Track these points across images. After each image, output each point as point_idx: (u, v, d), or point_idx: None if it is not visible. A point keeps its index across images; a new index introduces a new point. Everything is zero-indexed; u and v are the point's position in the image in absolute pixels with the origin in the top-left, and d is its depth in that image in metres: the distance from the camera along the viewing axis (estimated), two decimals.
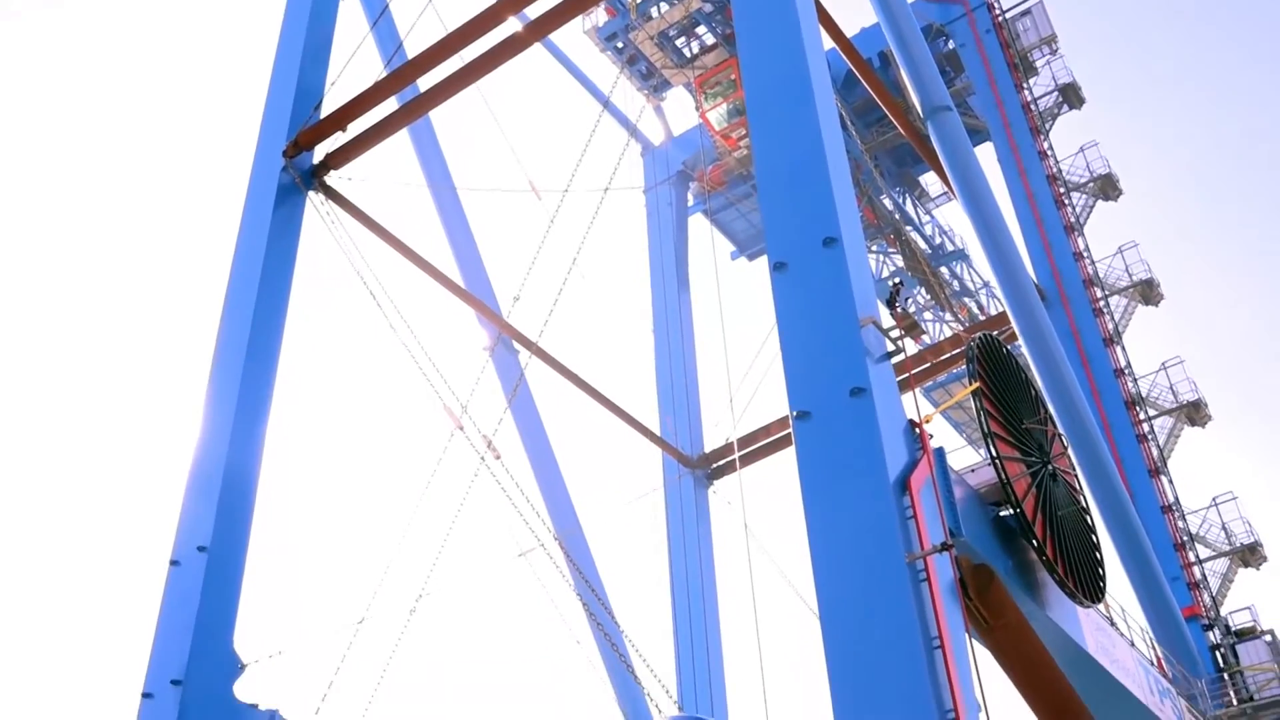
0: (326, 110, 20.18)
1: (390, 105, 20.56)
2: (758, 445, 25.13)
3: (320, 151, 20.30)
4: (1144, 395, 25.13)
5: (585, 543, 22.98)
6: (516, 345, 23.60)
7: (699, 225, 33.26)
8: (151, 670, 16.48)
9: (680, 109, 34.46)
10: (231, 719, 16.28)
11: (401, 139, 23.32)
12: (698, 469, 26.95)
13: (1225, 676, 20.44)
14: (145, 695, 16.28)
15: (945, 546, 10.98)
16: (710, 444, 27.39)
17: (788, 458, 14.67)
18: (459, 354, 23.69)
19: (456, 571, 21.02)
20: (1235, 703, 19.96)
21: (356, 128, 20.10)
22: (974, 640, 11.41)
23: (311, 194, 20.05)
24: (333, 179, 20.29)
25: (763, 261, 20.66)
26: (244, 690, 16.72)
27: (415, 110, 20.72)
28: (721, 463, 26.90)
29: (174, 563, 17.16)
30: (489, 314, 23.27)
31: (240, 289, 18.86)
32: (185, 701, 15.91)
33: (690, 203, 33.28)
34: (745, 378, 24.69)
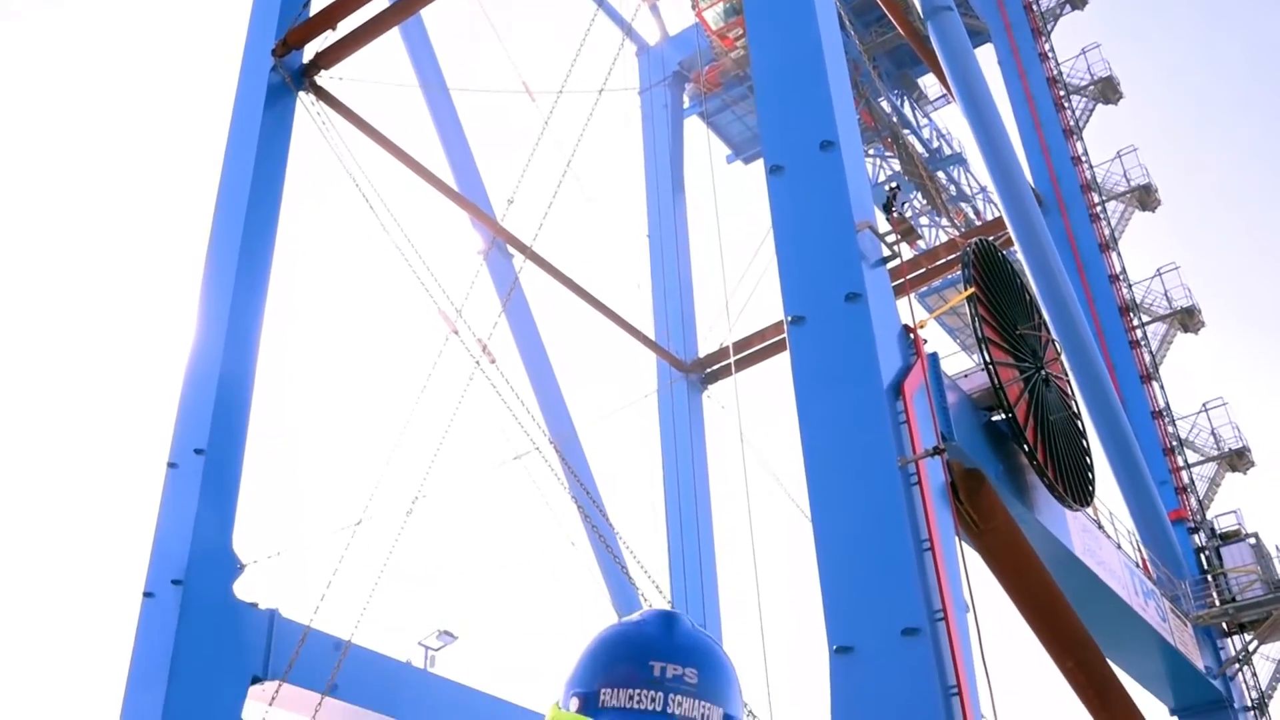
0: (316, 7, 19.79)
1: (381, 3, 20.17)
2: (752, 350, 25.16)
3: (310, 50, 19.95)
4: (1138, 302, 25.13)
5: (580, 446, 23.15)
6: (510, 249, 23.48)
7: (695, 128, 32.89)
8: (152, 570, 16.71)
9: (676, 7, 33.84)
10: (231, 618, 16.56)
11: (393, 39, 22.91)
12: (692, 374, 27.03)
13: (1209, 578, 20.77)
14: (147, 594, 16.53)
15: (937, 451, 11.09)
16: (704, 349, 27.43)
17: (782, 362, 14.74)
18: (453, 258, 23.62)
19: (452, 474, 21.21)
20: (1218, 603, 20.31)
21: (347, 26, 19.72)
22: (963, 542, 11.58)
23: (302, 95, 19.74)
24: (324, 79, 19.97)
25: (759, 165, 20.47)
26: (244, 590, 16.98)
27: (406, 8, 20.32)
28: (716, 367, 26.97)
29: (171, 465, 17.30)
30: (483, 217, 23.12)
31: (231, 191, 18.70)
32: (186, 600, 16.16)
33: (686, 105, 32.85)
34: (740, 282, 24.67)
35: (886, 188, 14.16)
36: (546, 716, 1.71)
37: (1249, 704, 20.07)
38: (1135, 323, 24.22)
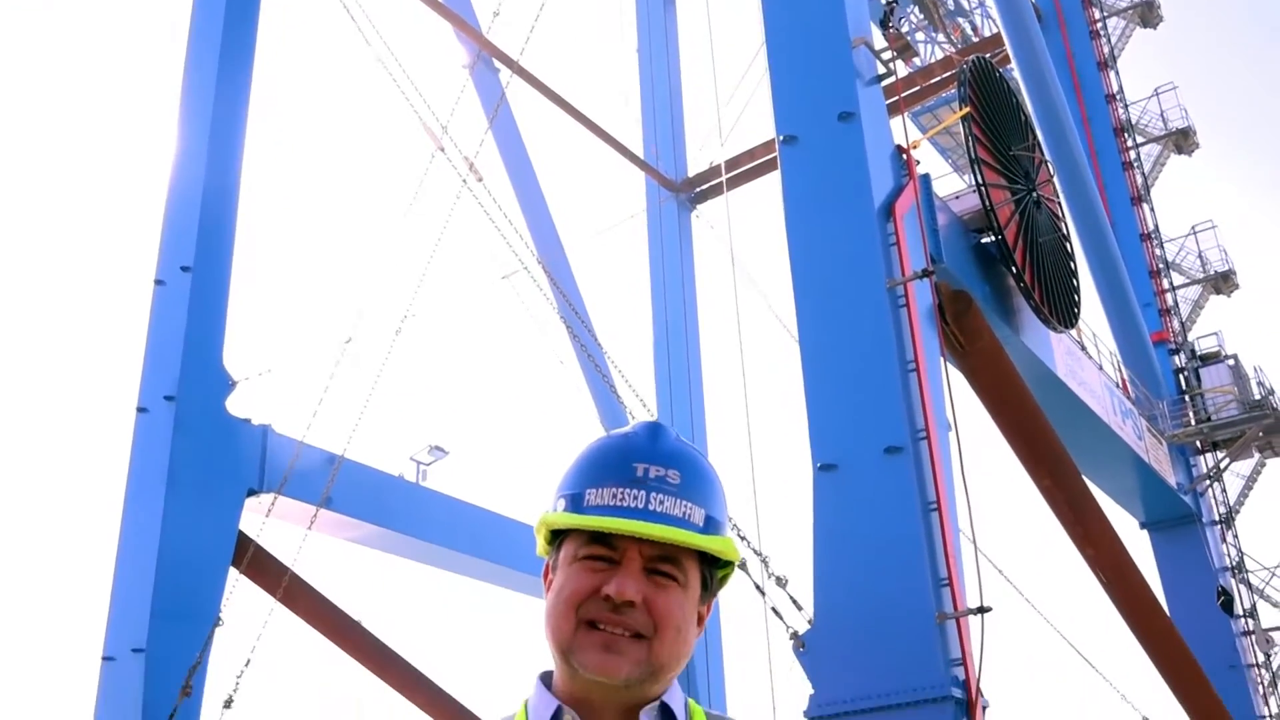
0: None
1: None
2: (742, 169, 24.87)
3: None
4: (1134, 122, 24.79)
5: (568, 266, 23.12)
6: (497, 64, 22.91)
7: None
8: (144, 387, 16.87)
9: None
10: (225, 433, 16.82)
11: None
12: (681, 193, 26.78)
13: (1186, 398, 21.17)
14: (140, 410, 16.73)
15: (926, 273, 11.11)
16: (694, 168, 27.10)
17: (772, 183, 14.59)
18: (438, 73, 23.06)
19: (441, 293, 21.23)
20: (1194, 423, 20.76)
21: None
22: (948, 363, 11.72)
23: None
24: None
25: None
26: (236, 406, 17.20)
27: None
28: (705, 187, 26.70)
29: (159, 282, 17.26)
30: (468, 30, 22.47)
31: (208, 2, 18.13)
32: (179, 416, 16.38)
33: None
34: (731, 100, 24.22)
35: (883, 1, 13.73)
36: (536, 523, 1.75)
37: (1216, 518, 20.73)
38: (1129, 144, 23.96)
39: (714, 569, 1.72)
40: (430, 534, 19.87)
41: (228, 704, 15.16)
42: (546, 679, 1.68)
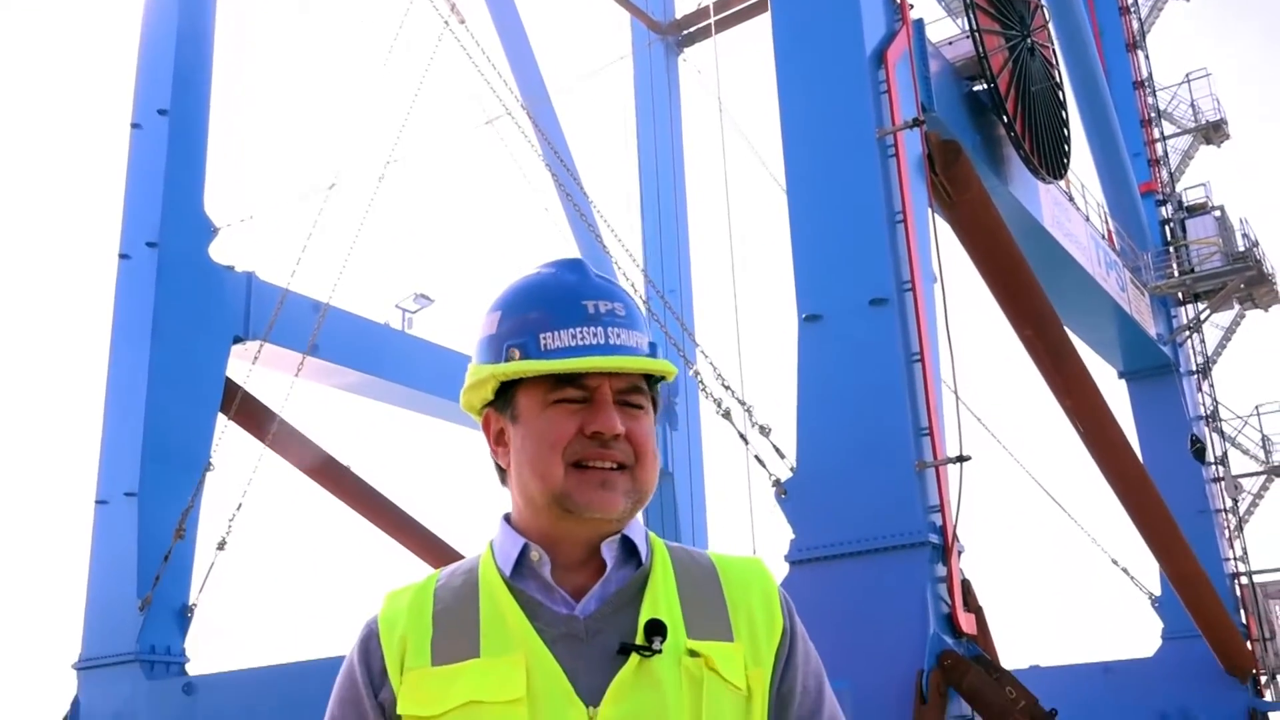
0: None
1: None
2: (731, 11, 24.24)
3: None
4: None
5: (552, 111, 22.72)
6: None
7: None
8: (125, 233, 16.72)
9: None
10: (209, 279, 16.76)
11: None
12: (668, 35, 26.14)
13: (1171, 250, 21.21)
14: (123, 256, 16.62)
15: (916, 122, 10.96)
16: (682, 8, 26.39)
17: (761, 25, 14.24)
18: None
19: (424, 138, 20.89)
20: (1177, 274, 20.86)
21: None
22: (935, 214, 11.67)
23: None
24: None
25: None
26: (219, 253, 17.09)
27: None
28: (693, 29, 26.05)
29: (135, 126, 16.97)
30: None
31: None
32: (162, 262, 16.28)
33: None
34: None
35: None
36: (475, 379, 1.72)
37: (1194, 369, 21.01)
38: None
39: (656, 389, 1.75)
40: (416, 381, 20.03)
41: (220, 546, 15.47)
42: (510, 520, 1.71)
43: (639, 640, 1.56)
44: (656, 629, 1.57)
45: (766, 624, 1.66)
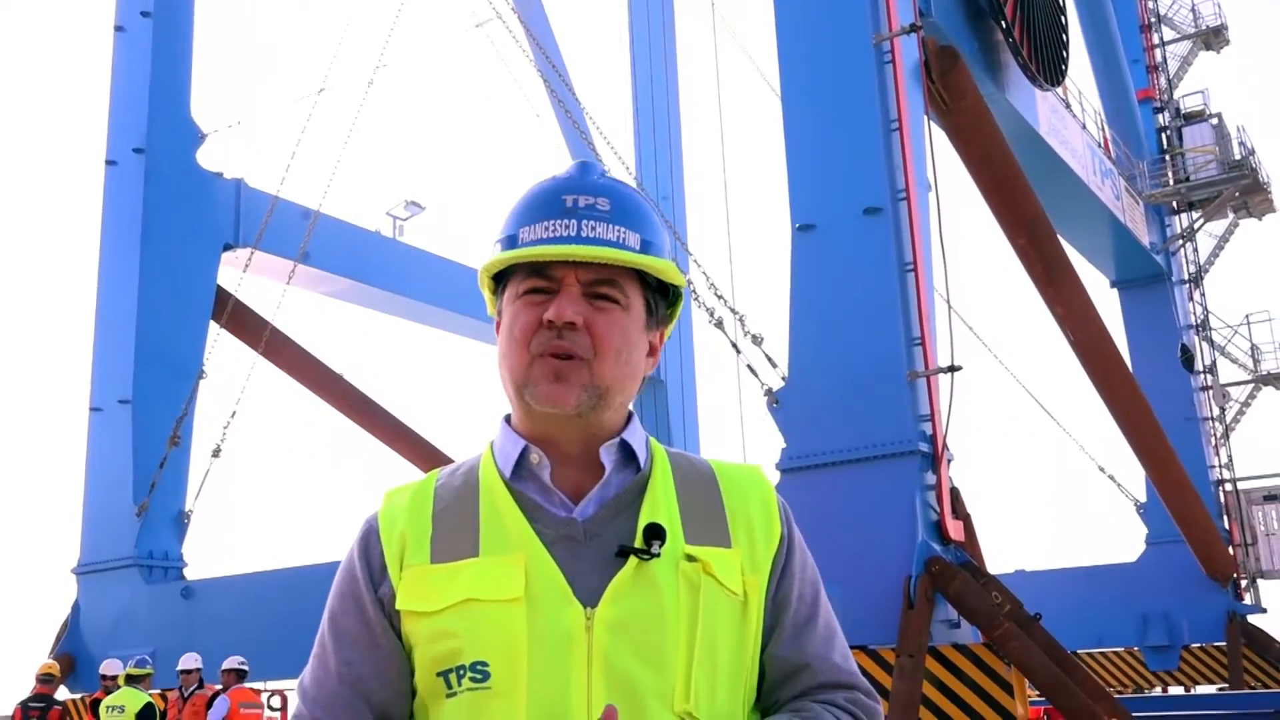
0: None
1: None
2: None
3: None
4: None
5: (544, 14, 22.34)
6: None
7: None
8: (111, 139, 16.54)
9: None
10: (197, 185, 16.62)
11: None
12: None
13: (1167, 158, 21.07)
14: (109, 162, 16.46)
15: (914, 28, 10.80)
16: None
17: None
18: None
19: (413, 43, 20.57)
20: (1172, 182, 20.75)
21: None
22: (932, 122, 11.56)
23: None
24: None
25: None
26: (208, 159, 16.92)
27: None
28: None
29: (118, 29, 16.70)
30: None
31: None
32: (150, 169, 16.14)
33: None
34: None
35: None
36: (479, 278, 1.76)
37: (1186, 278, 21.03)
38: None
39: (661, 297, 1.72)
40: (407, 288, 19.99)
41: (216, 453, 15.59)
42: (510, 421, 1.72)
43: (637, 544, 1.58)
44: (655, 533, 1.58)
45: (765, 531, 1.67)
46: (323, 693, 1.63)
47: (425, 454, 17.51)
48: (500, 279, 1.70)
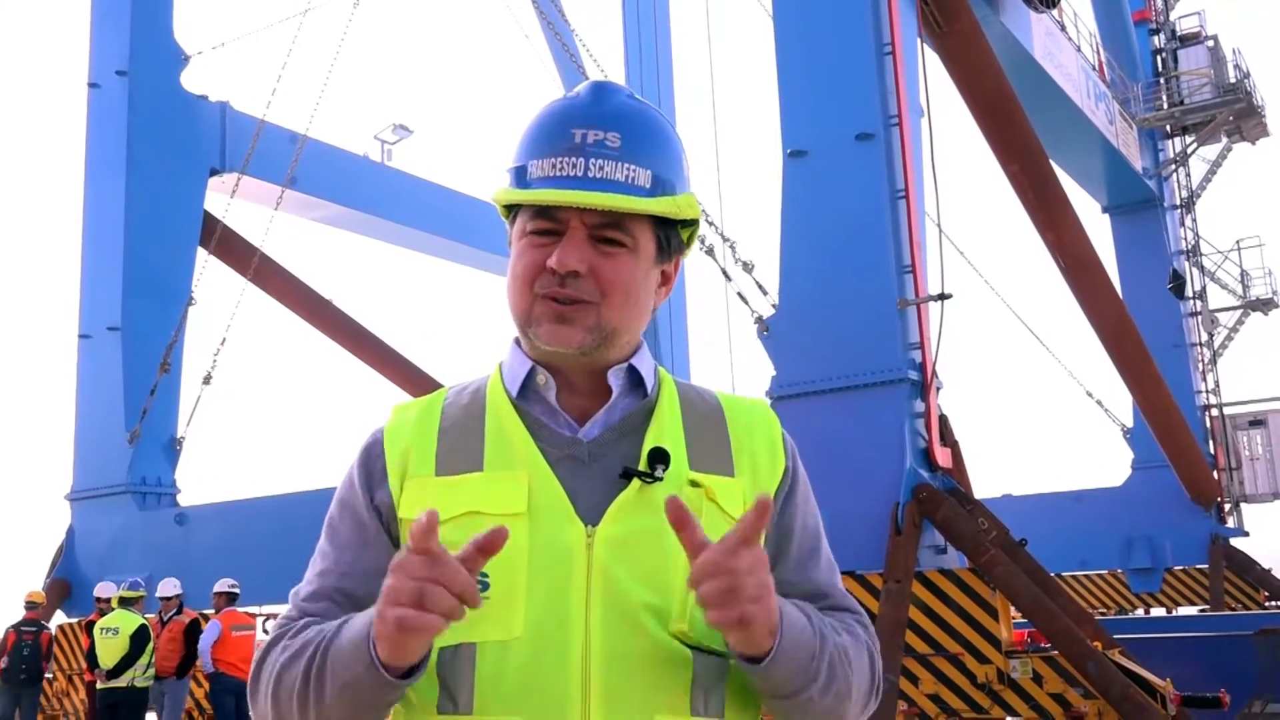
0: None
1: None
2: None
3: None
4: None
5: None
6: None
7: None
8: (94, 62, 16.27)
9: None
10: (181, 109, 16.40)
11: None
12: None
13: (1162, 81, 20.89)
14: (92, 85, 16.22)
15: None
16: None
17: None
18: None
19: None
20: (1166, 106, 20.59)
21: None
22: (925, 46, 11.43)
23: None
24: None
25: None
26: (192, 82, 16.68)
27: None
28: None
29: None
30: None
31: None
32: (133, 91, 15.90)
33: None
34: None
35: None
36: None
37: (1178, 203, 20.97)
38: None
39: (673, 227, 1.69)
40: (396, 213, 19.85)
41: (206, 380, 15.58)
42: (520, 343, 1.73)
43: (642, 466, 1.59)
44: (659, 457, 1.59)
45: (769, 463, 1.68)
46: (310, 590, 1.65)
47: (414, 379, 17.53)
48: (512, 207, 1.69)
